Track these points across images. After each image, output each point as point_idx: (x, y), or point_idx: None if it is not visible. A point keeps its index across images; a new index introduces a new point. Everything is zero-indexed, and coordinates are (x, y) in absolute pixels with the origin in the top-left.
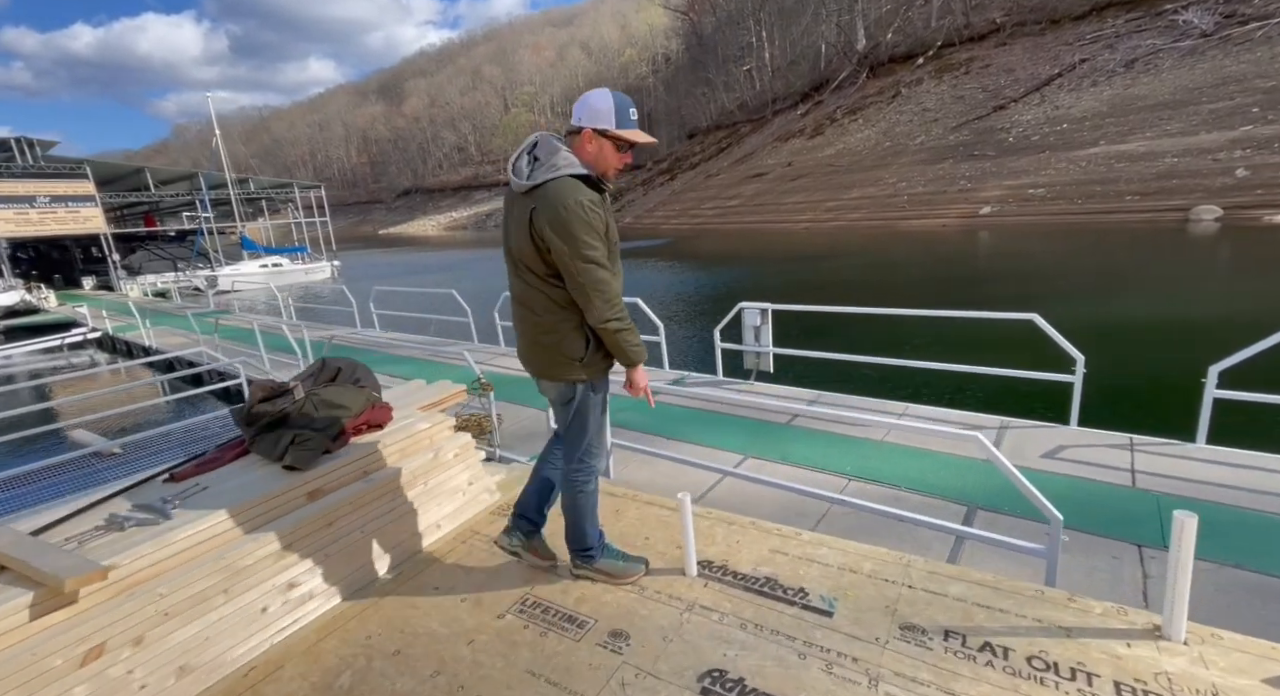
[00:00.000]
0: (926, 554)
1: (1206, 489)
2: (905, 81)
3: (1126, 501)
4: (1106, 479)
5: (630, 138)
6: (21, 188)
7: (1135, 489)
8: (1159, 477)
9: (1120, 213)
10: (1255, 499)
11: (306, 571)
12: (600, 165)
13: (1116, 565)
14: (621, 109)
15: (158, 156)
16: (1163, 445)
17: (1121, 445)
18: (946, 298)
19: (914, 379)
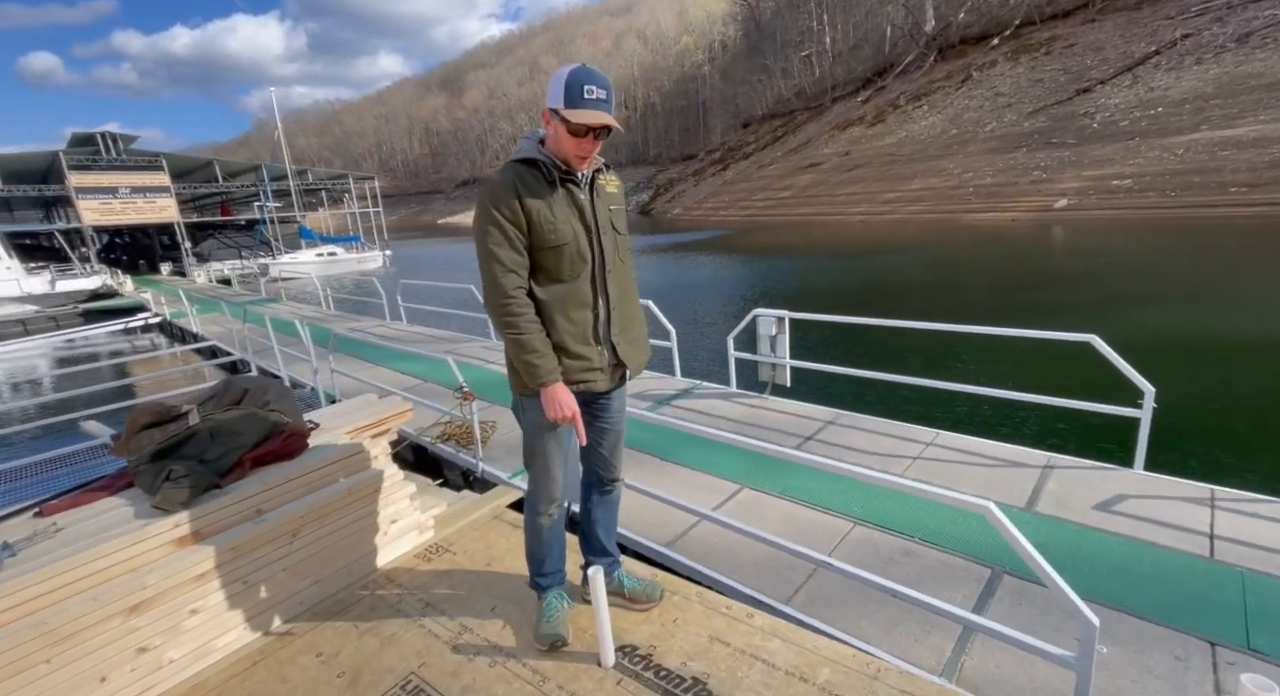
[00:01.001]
0: (925, 638)
1: None
2: (977, 64)
3: (1201, 578)
4: (1176, 544)
5: (569, 118)
6: (106, 179)
7: (1213, 561)
8: (1245, 547)
9: (1224, 206)
10: None
11: (164, 633)
12: (558, 150)
13: (1179, 669)
14: (573, 87)
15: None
16: (1254, 503)
17: (1199, 499)
18: (1009, 302)
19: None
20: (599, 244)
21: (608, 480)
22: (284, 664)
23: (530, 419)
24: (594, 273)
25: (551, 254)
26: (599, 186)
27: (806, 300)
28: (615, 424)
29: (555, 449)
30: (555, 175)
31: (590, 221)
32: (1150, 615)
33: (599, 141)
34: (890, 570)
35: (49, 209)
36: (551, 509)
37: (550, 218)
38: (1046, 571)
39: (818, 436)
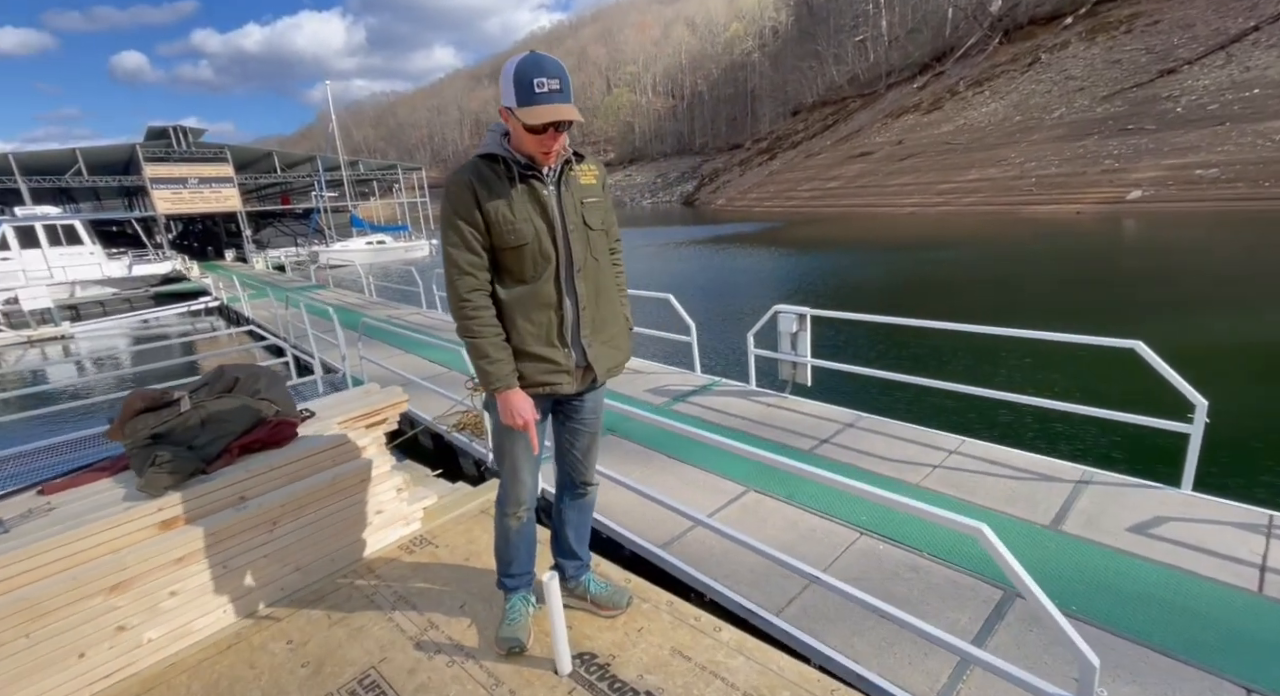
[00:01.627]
0: (921, 662)
1: None
2: (1046, 46)
3: (1243, 613)
4: (1219, 574)
5: (524, 119)
6: (177, 170)
7: (1261, 595)
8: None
9: None
10: None
11: (142, 613)
12: (520, 148)
13: None
14: (523, 81)
15: (304, 140)
16: None
17: (1255, 526)
18: (1060, 302)
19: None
20: (564, 242)
21: (580, 483)
22: (255, 650)
23: (497, 420)
24: (559, 272)
25: (512, 254)
26: (570, 178)
27: (841, 297)
28: (589, 426)
29: (523, 451)
30: (515, 171)
31: (554, 218)
32: (1179, 652)
33: (561, 133)
34: (892, 585)
35: (130, 198)
36: (520, 511)
37: (509, 217)
38: (1042, 603)
39: (835, 439)
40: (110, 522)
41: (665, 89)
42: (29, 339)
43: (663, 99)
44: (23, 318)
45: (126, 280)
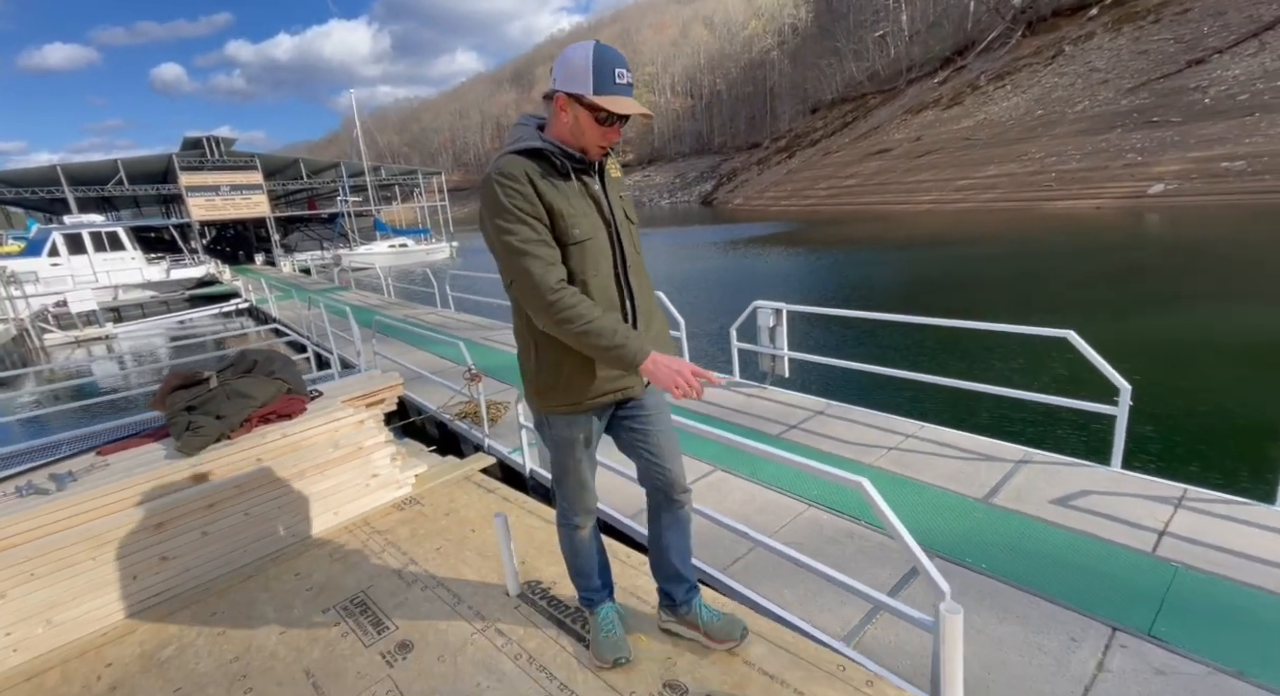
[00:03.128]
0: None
1: (1249, 567)
2: (1071, 38)
3: (1131, 569)
4: (1120, 538)
5: (609, 107)
6: (210, 179)
7: (1153, 556)
8: (1196, 545)
9: None
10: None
11: (181, 547)
12: (578, 140)
13: (1069, 647)
14: (602, 69)
15: (330, 146)
16: (1225, 504)
17: (1168, 498)
18: (1059, 301)
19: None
20: (618, 237)
21: (675, 496)
22: (270, 579)
23: (556, 435)
24: (616, 269)
25: (575, 250)
26: (606, 173)
27: (845, 296)
28: (656, 422)
29: (586, 461)
30: (567, 165)
31: (608, 214)
32: (1063, 599)
33: (620, 126)
34: (829, 548)
35: (167, 205)
36: (588, 521)
37: (569, 211)
38: (906, 541)
39: (803, 425)
40: (155, 475)
41: (684, 89)
42: (76, 339)
43: (681, 99)
44: (71, 319)
45: (164, 284)
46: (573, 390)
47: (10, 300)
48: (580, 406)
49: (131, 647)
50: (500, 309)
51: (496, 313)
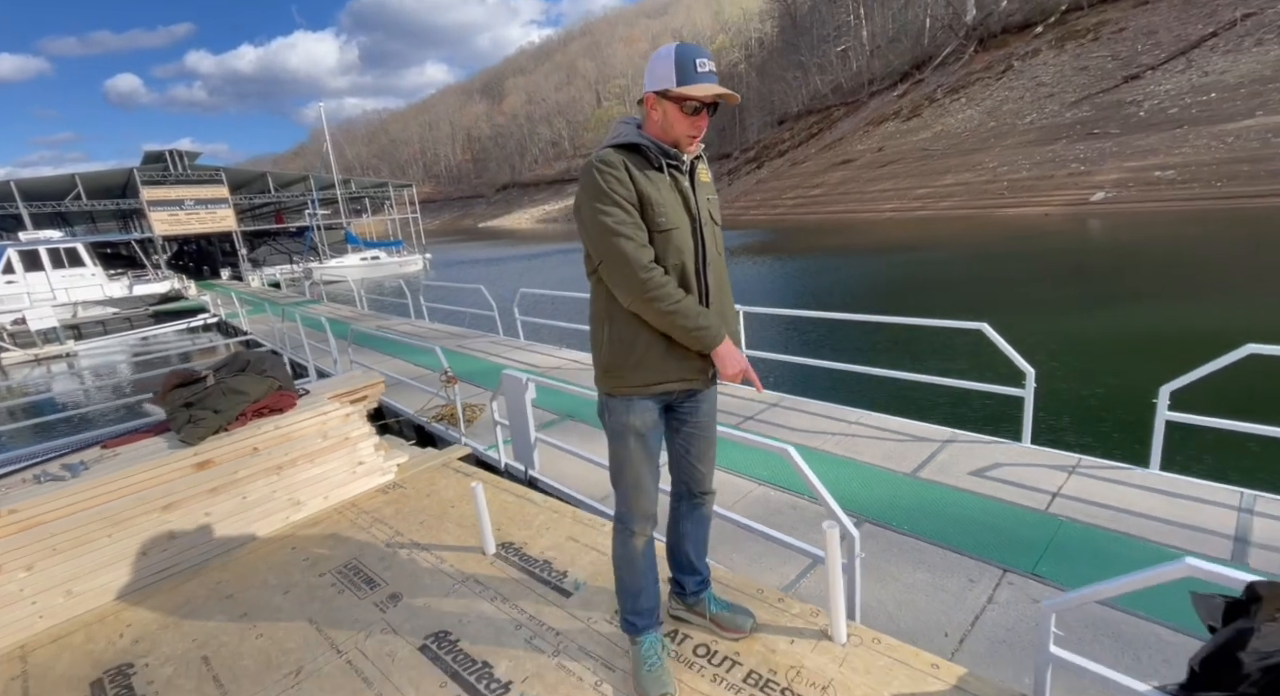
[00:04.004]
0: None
1: (1121, 517)
2: (1019, 54)
3: (1025, 525)
4: (1019, 500)
5: (689, 93)
6: (174, 193)
7: (1045, 513)
8: (1081, 503)
9: (1273, 196)
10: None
11: (188, 527)
12: (669, 134)
13: (967, 587)
14: (684, 63)
15: (296, 158)
16: (1110, 469)
17: (1063, 466)
18: (997, 298)
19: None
20: (700, 234)
21: (699, 492)
22: (267, 554)
23: (616, 421)
24: (695, 265)
25: (660, 238)
26: (697, 175)
27: (810, 298)
28: (705, 428)
29: (644, 456)
30: (661, 160)
31: (694, 210)
32: (968, 550)
33: (709, 116)
34: (774, 519)
35: (125, 220)
36: (646, 528)
37: (659, 200)
38: (823, 494)
39: (758, 416)
40: (161, 462)
41: None
42: (36, 357)
43: None
44: (29, 337)
45: (127, 299)
46: (640, 371)
47: None
48: (643, 390)
49: (147, 612)
50: (473, 318)
51: (469, 322)
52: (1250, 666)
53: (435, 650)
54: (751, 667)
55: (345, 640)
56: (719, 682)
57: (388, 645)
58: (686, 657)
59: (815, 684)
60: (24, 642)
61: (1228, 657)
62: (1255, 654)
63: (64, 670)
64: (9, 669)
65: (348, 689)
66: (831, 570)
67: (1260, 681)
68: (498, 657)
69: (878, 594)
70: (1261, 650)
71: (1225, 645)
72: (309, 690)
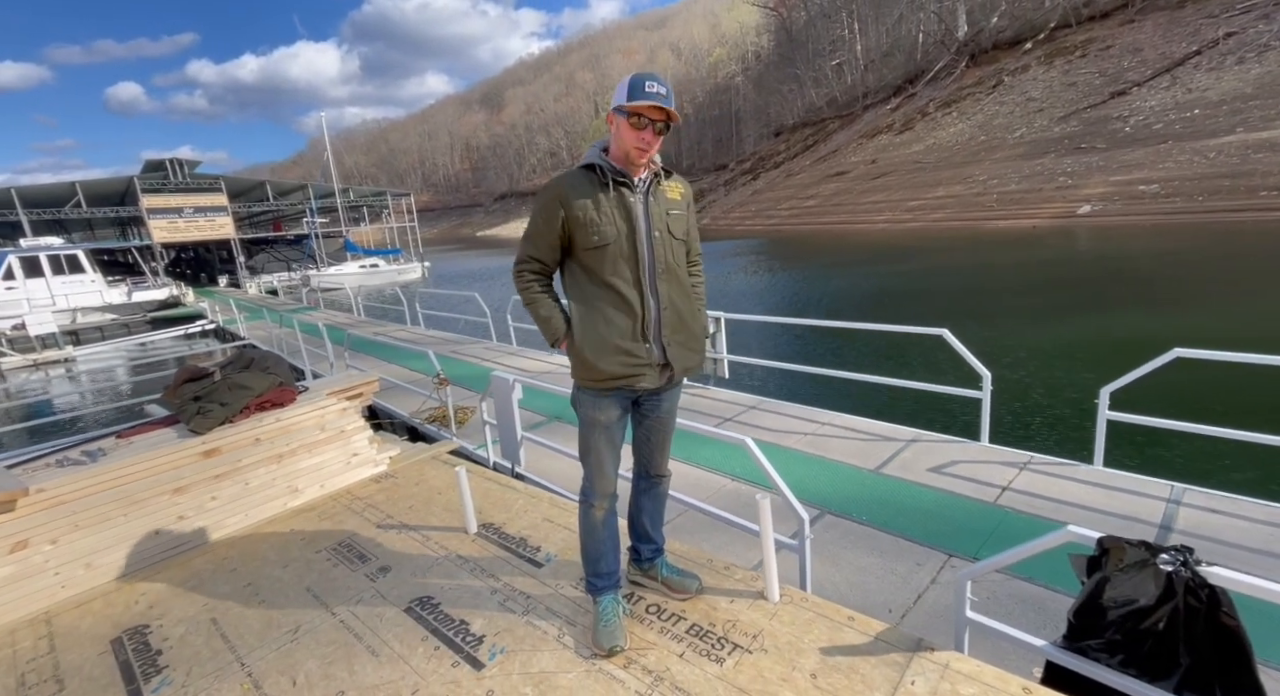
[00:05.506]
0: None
1: (1063, 509)
2: (1009, 69)
3: (973, 516)
4: (973, 493)
5: (629, 106)
6: (173, 201)
7: (993, 505)
8: (1028, 496)
9: (1251, 211)
10: (1083, 517)
11: (195, 509)
12: (621, 149)
13: (914, 570)
14: (636, 85)
15: (295, 167)
16: (1056, 465)
17: (1014, 463)
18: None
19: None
20: (647, 245)
21: (655, 474)
22: (267, 536)
23: (584, 413)
24: (640, 273)
25: (594, 254)
26: (660, 191)
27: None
28: (664, 423)
29: (606, 444)
30: (609, 178)
31: (639, 224)
32: (919, 538)
33: (659, 136)
34: (744, 511)
35: (124, 228)
36: (604, 503)
37: (595, 219)
38: (778, 483)
39: (736, 418)
40: (172, 450)
41: None
42: (35, 362)
43: None
44: (28, 342)
45: (125, 306)
46: (587, 368)
47: None
48: (605, 385)
49: (160, 583)
50: (467, 325)
51: (465, 328)
52: (1113, 614)
53: (419, 611)
54: (694, 621)
55: (339, 604)
56: (665, 634)
57: (377, 608)
58: (639, 614)
59: (747, 633)
60: (48, 609)
61: (1095, 607)
62: (1112, 600)
63: (86, 630)
64: (35, 630)
65: (340, 642)
66: (765, 536)
67: (1123, 627)
68: (474, 617)
69: (832, 576)
70: (1117, 598)
71: (1090, 596)
72: (307, 643)
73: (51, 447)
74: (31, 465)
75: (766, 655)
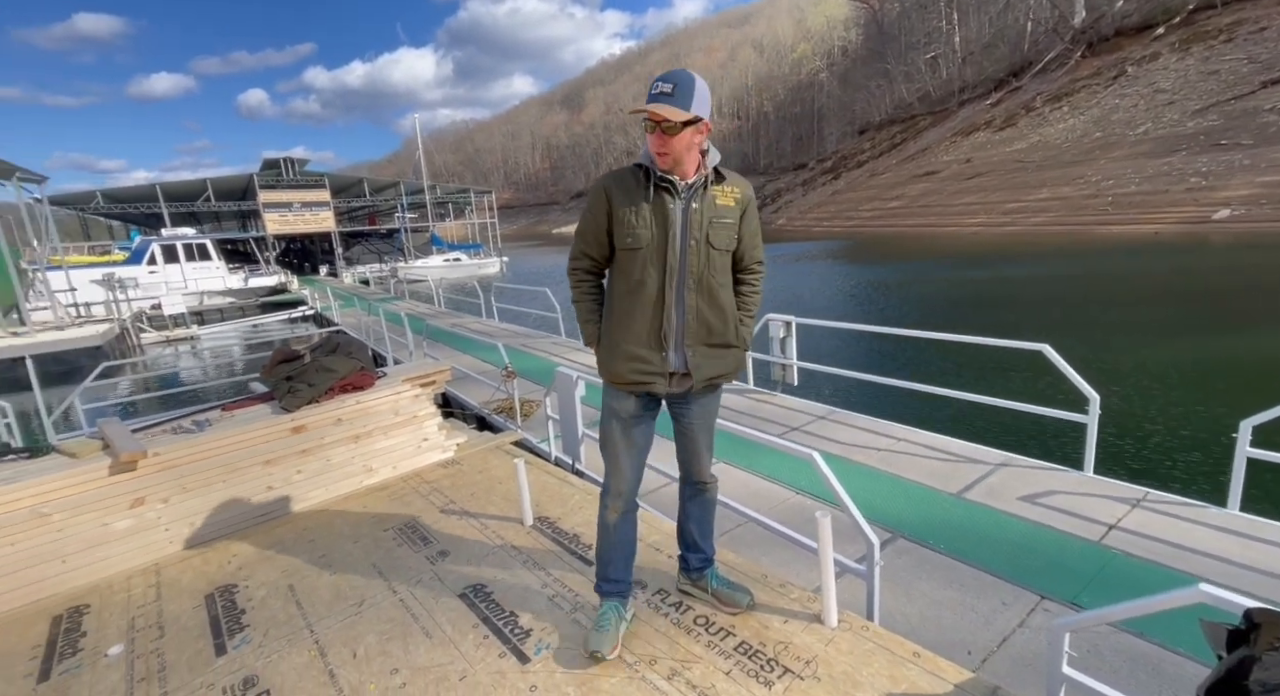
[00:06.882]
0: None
1: (1188, 557)
2: (1134, 58)
3: (1073, 554)
4: (1073, 530)
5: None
6: (285, 196)
7: (1097, 544)
8: (1141, 538)
9: None
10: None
11: (283, 481)
12: (651, 154)
13: (998, 609)
14: (650, 85)
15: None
16: (1177, 506)
17: (1125, 499)
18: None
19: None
20: (679, 254)
21: (694, 481)
22: (341, 512)
23: (605, 405)
24: (667, 280)
25: (626, 255)
26: (708, 197)
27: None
28: (691, 429)
29: (623, 441)
30: (652, 181)
31: (673, 231)
32: (1004, 573)
33: (667, 137)
34: (807, 527)
35: (244, 220)
36: (617, 503)
37: (632, 221)
38: (845, 502)
39: (803, 428)
40: (266, 425)
41: (731, 110)
42: (167, 338)
43: (728, 120)
44: (163, 320)
45: (242, 291)
46: (601, 365)
47: (116, 303)
48: (617, 382)
49: (249, 545)
50: (538, 320)
51: (536, 323)
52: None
53: (472, 598)
54: (744, 638)
55: (400, 583)
56: (712, 648)
57: (434, 590)
58: (686, 625)
59: (800, 657)
60: (157, 561)
61: (1234, 687)
62: (1259, 684)
63: (186, 584)
64: (146, 579)
65: (398, 620)
66: (824, 557)
67: None
68: (523, 610)
69: (903, 607)
70: (1266, 681)
71: (1230, 673)
72: (369, 618)
73: (169, 416)
74: (152, 430)
75: (819, 684)
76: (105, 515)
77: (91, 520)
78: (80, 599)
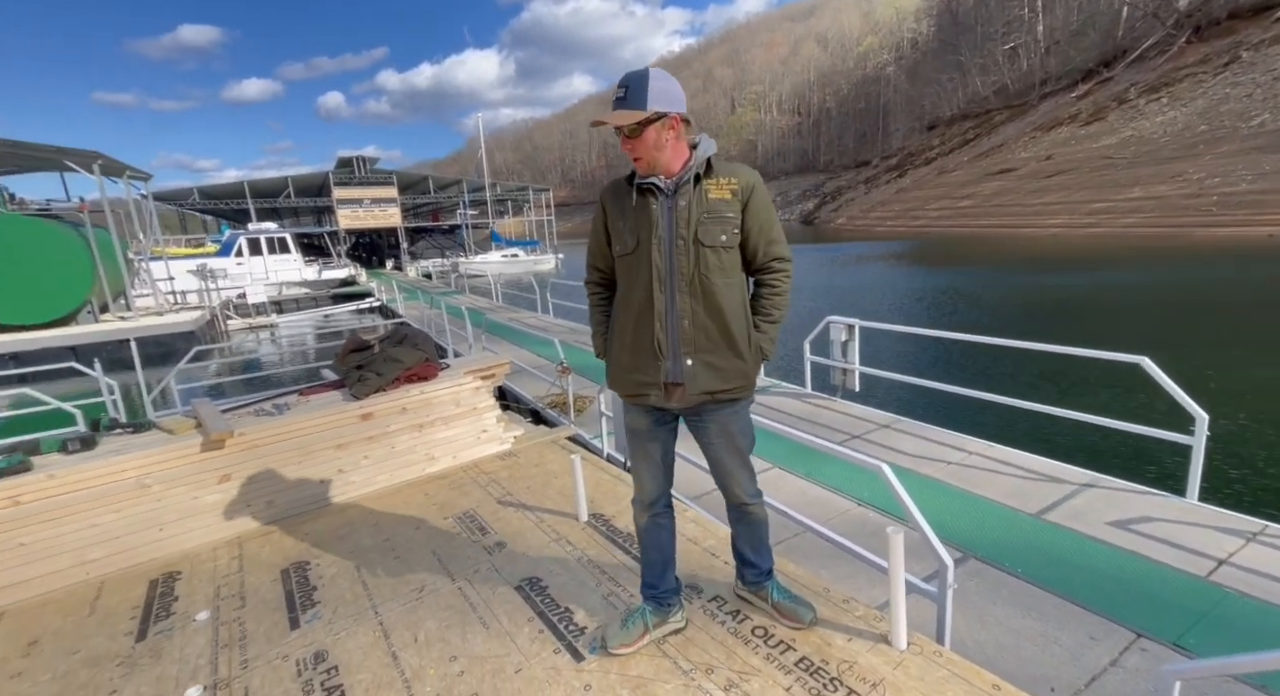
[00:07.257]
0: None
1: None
2: (1250, 43)
3: (1177, 590)
4: (1176, 562)
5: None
6: (356, 193)
7: (1205, 580)
8: (1260, 576)
9: None
10: None
11: (351, 465)
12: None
13: (1086, 644)
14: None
15: (453, 164)
16: None
17: (1238, 532)
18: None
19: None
20: (666, 255)
21: (734, 503)
22: (408, 496)
23: (623, 415)
24: (656, 285)
25: (621, 263)
26: (699, 192)
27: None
28: (713, 449)
29: (639, 451)
30: (634, 184)
31: (661, 232)
32: (1093, 605)
33: (632, 140)
34: (869, 541)
35: (319, 215)
36: (642, 513)
37: (620, 228)
38: (917, 518)
39: (866, 436)
40: (337, 410)
41: (791, 106)
42: (250, 325)
43: (788, 116)
44: (247, 309)
45: (317, 282)
46: (608, 375)
47: (207, 291)
48: (622, 394)
49: (321, 526)
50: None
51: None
52: None
53: (528, 591)
54: (805, 654)
55: (459, 572)
56: (771, 662)
57: (490, 581)
58: (744, 635)
59: (865, 680)
60: (240, 534)
61: None
62: None
63: (265, 558)
64: (230, 551)
65: (457, 609)
66: (895, 576)
67: None
68: (578, 607)
69: (976, 633)
70: None
71: None
72: (429, 604)
73: (252, 399)
74: (237, 412)
75: None
76: (196, 488)
77: (184, 493)
78: (173, 565)
